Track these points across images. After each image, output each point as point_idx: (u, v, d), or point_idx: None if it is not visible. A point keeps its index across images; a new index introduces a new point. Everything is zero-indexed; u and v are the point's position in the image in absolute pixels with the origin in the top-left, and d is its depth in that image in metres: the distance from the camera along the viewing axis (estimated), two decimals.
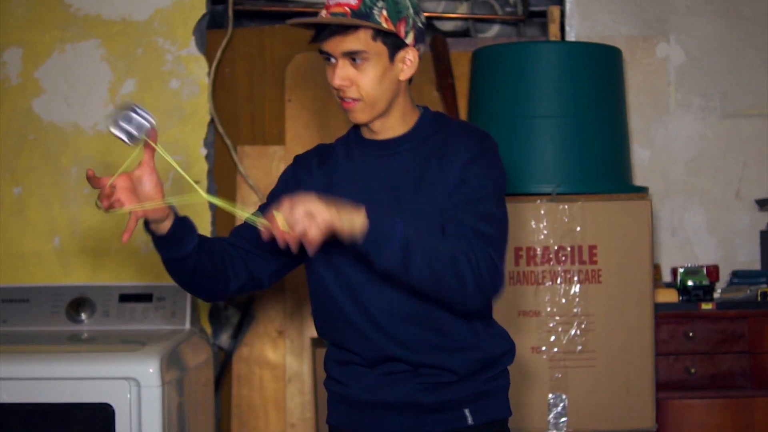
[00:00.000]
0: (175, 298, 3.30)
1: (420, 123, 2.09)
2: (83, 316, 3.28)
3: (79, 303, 3.30)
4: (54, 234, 3.62)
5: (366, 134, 2.11)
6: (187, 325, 3.26)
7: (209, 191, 3.67)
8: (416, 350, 2.01)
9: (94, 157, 3.63)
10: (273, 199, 2.13)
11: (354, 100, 2.01)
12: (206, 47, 3.72)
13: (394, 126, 2.08)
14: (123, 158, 3.77)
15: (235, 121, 3.90)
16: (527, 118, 3.19)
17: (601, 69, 3.27)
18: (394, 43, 2.01)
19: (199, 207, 3.65)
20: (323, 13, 1.99)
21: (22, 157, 3.63)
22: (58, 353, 2.92)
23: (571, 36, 3.85)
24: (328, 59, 2.00)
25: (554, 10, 3.86)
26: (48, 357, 2.84)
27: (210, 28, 3.80)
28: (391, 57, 2.01)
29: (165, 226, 2.00)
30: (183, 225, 2.00)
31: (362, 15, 1.96)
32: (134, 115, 1.94)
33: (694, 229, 3.84)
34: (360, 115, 2.04)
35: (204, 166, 3.66)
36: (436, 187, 2.01)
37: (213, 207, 3.69)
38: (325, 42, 1.99)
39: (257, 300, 3.80)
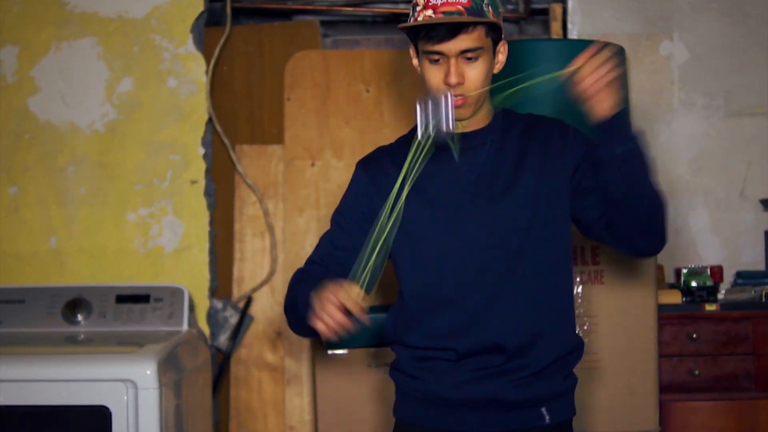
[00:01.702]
0: (173, 299, 3.30)
1: (497, 115, 2.16)
2: (80, 317, 3.28)
3: (75, 304, 3.29)
4: (50, 234, 3.61)
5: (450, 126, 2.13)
6: (185, 327, 3.26)
7: (207, 191, 3.66)
8: (510, 336, 2.06)
9: (91, 157, 3.63)
10: (350, 209, 2.17)
11: (463, 97, 2.05)
12: (204, 45, 3.71)
13: (480, 118, 2.13)
14: (119, 158, 3.78)
15: (233, 120, 3.90)
16: None
17: None
18: (496, 38, 2.08)
19: (198, 208, 3.64)
20: (429, 13, 2.01)
21: (18, 157, 3.63)
22: (54, 355, 2.92)
23: (573, 34, 3.84)
24: (436, 60, 2.04)
25: (556, 8, 3.86)
26: (44, 358, 2.84)
27: (208, 25, 3.79)
28: (494, 51, 2.09)
29: None
30: None
31: (476, 12, 2.01)
32: None
33: (697, 229, 3.84)
34: (466, 111, 2.08)
35: (202, 166, 3.65)
36: (536, 175, 2.09)
37: (211, 207, 3.68)
38: (441, 42, 2.02)
39: (256, 301, 3.79)
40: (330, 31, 4.17)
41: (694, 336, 3.32)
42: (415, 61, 2.13)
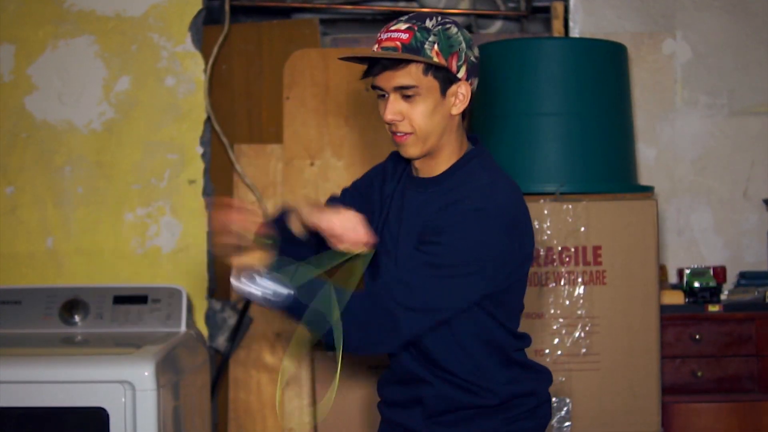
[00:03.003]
0: (171, 300, 3.30)
1: (457, 164, 2.10)
2: (77, 318, 3.28)
3: (72, 305, 3.29)
4: (47, 234, 3.62)
5: (412, 168, 2.17)
6: (183, 328, 3.26)
7: (206, 190, 3.66)
8: (428, 369, 2.08)
9: (89, 156, 3.64)
10: (353, 185, 2.29)
11: (406, 134, 2.05)
12: (202, 43, 3.72)
13: (439, 164, 2.10)
14: (117, 158, 3.78)
15: (231, 119, 3.90)
16: (530, 115, 3.19)
17: (605, 66, 3.27)
18: (445, 78, 2.03)
19: (196, 208, 3.65)
20: (375, 47, 2.03)
21: (14, 156, 3.63)
22: (51, 356, 2.92)
23: (575, 32, 3.85)
24: (382, 95, 2.05)
25: (558, 6, 3.86)
26: (41, 360, 2.84)
27: (206, 23, 3.80)
28: (443, 91, 2.04)
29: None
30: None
31: (413, 50, 1.99)
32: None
33: (700, 229, 3.84)
34: (412, 149, 2.07)
35: (200, 165, 3.66)
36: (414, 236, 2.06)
37: (209, 208, 3.69)
38: (377, 77, 2.03)
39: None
40: (329, 30, 4.17)
41: (697, 337, 3.32)
42: None
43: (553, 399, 3.04)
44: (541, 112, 3.17)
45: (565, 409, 3.05)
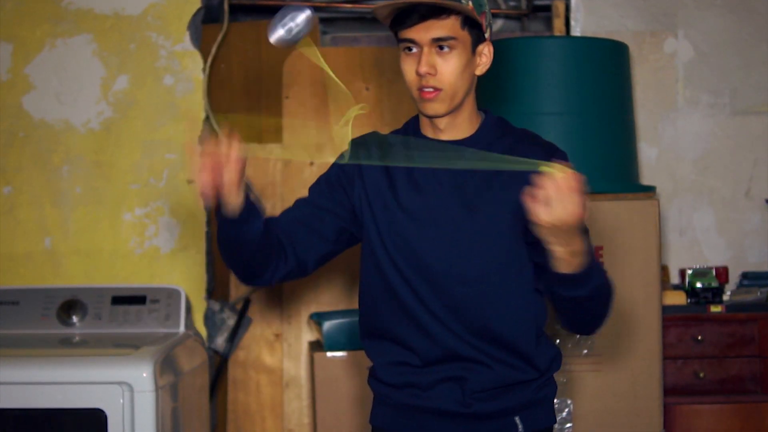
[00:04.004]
0: (169, 300, 3.30)
1: (484, 125, 2.12)
2: (75, 318, 3.28)
3: (70, 305, 3.30)
4: (45, 234, 3.62)
5: (429, 132, 2.11)
6: (182, 328, 3.26)
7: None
8: (477, 348, 2.04)
9: (86, 156, 3.64)
10: (324, 179, 2.18)
11: (436, 89, 2.01)
12: (201, 42, 3.72)
13: (461, 125, 2.09)
14: (115, 157, 3.78)
15: (230, 119, 3.90)
16: (531, 115, 3.19)
17: (607, 65, 3.27)
18: (476, 35, 2.03)
19: (194, 207, 3.65)
20: None
21: (11, 156, 3.63)
22: (48, 357, 2.92)
23: (576, 31, 3.85)
24: (409, 48, 2.01)
25: (559, 5, 3.86)
26: (38, 361, 2.84)
27: (205, 22, 3.80)
28: (473, 48, 2.04)
29: (237, 206, 2.02)
30: (253, 206, 2.03)
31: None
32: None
33: (702, 229, 3.84)
34: (439, 106, 2.04)
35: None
36: (505, 197, 2.03)
37: (208, 207, 3.69)
38: (412, 27, 1.99)
39: (254, 302, 3.80)
40: (329, 28, 4.17)
41: (699, 338, 3.33)
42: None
43: (555, 400, 3.05)
44: (542, 111, 3.18)
45: (566, 410, 3.05)
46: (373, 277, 2.11)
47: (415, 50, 2.00)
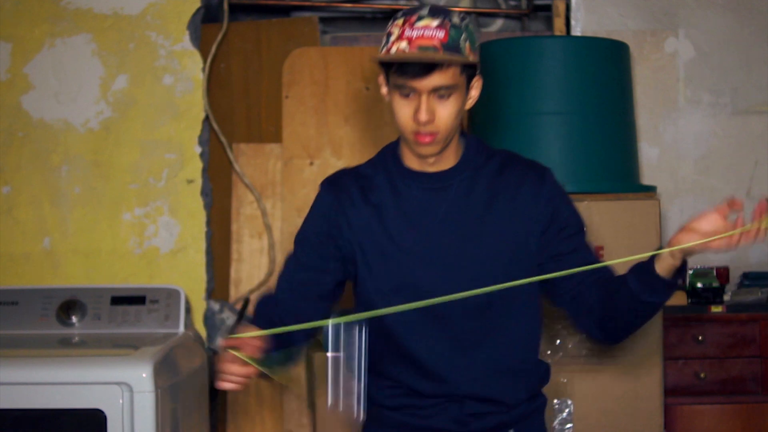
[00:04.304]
0: (169, 300, 3.30)
1: (468, 151, 2.12)
2: (74, 319, 3.28)
3: (69, 305, 3.29)
4: (44, 234, 3.62)
5: (413, 165, 2.10)
6: (182, 329, 3.26)
7: (204, 190, 3.67)
8: (473, 383, 2.06)
9: (86, 156, 3.64)
10: (314, 234, 2.13)
11: (431, 134, 2.01)
12: (201, 42, 3.72)
13: (448, 157, 2.09)
14: (114, 157, 3.78)
15: (230, 118, 3.90)
16: (531, 115, 3.19)
17: (607, 64, 3.27)
18: (470, 74, 2.04)
19: (194, 207, 3.65)
20: (404, 46, 1.96)
21: (10, 155, 3.63)
22: (48, 357, 2.92)
23: (576, 30, 3.85)
24: (406, 94, 1.99)
25: (559, 4, 3.86)
26: (37, 361, 2.84)
27: (204, 22, 3.80)
28: (467, 88, 2.04)
29: None
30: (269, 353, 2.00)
31: (453, 48, 1.96)
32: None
33: None
34: (434, 149, 2.04)
35: (198, 165, 3.66)
36: (507, 221, 2.06)
37: (208, 207, 3.69)
38: (414, 78, 1.97)
39: (253, 303, 3.79)
40: (329, 28, 4.17)
41: (700, 338, 3.32)
42: (383, 90, 2.07)
43: (555, 401, 3.04)
44: (542, 111, 3.18)
45: (567, 410, 3.05)
46: (368, 320, 2.07)
47: (411, 96, 1.99)
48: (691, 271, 3.41)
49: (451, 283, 2.02)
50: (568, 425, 3.05)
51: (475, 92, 2.07)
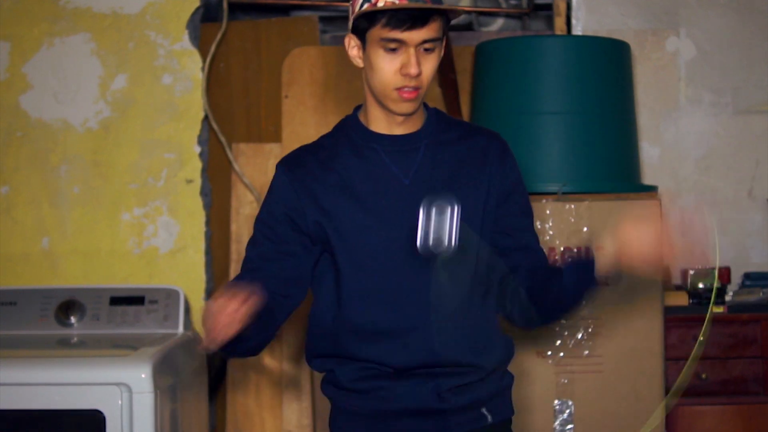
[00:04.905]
0: (168, 301, 3.30)
1: (429, 117, 2.12)
2: (73, 319, 3.28)
3: (68, 306, 3.29)
4: (42, 234, 3.62)
5: (380, 129, 2.09)
6: (181, 329, 3.26)
7: (203, 190, 3.66)
8: (447, 349, 2.04)
9: (85, 156, 3.64)
10: (274, 216, 2.10)
11: (416, 89, 2.01)
12: (200, 41, 3.72)
13: (415, 119, 2.09)
14: (113, 157, 3.78)
15: (229, 118, 3.90)
16: (532, 114, 3.19)
17: (608, 64, 3.27)
18: (445, 31, 2.04)
19: (193, 207, 3.65)
20: None
21: (9, 155, 3.63)
22: (46, 358, 2.92)
23: (577, 30, 3.85)
24: (393, 49, 1.99)
25: (560, 3, 3.86)
26: (36, 362, 2.84)
27: (204, 21, 3.80)
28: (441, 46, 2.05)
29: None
30: (252, 321, 1.97)
31: (439, 1, 1.98)
32: None
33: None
34: (414, 105, 2.04)
35: (198, 164, 3.66)
36: (474, 188, 2.06)
37: (207, 207, 3.69)
38: (407, 30, 1.97)
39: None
40: (328, 27, 4.17)
41: (701, 339, 3.32)
42: (354, 51, 2.07)
43: (556, 401, 3.04)
44: (543, 110, 3.17)
45: (567, 411, 3.05)
46: (338, 292, 2.07)
47: (398, 50, 1.99)
48: (692, 272, 3.41)
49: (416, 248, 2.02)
50: (569, 426, 3.05)
51: (442, 51, 2.07)
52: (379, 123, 2.09)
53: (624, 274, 2.00)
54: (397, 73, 1.99)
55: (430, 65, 2.01)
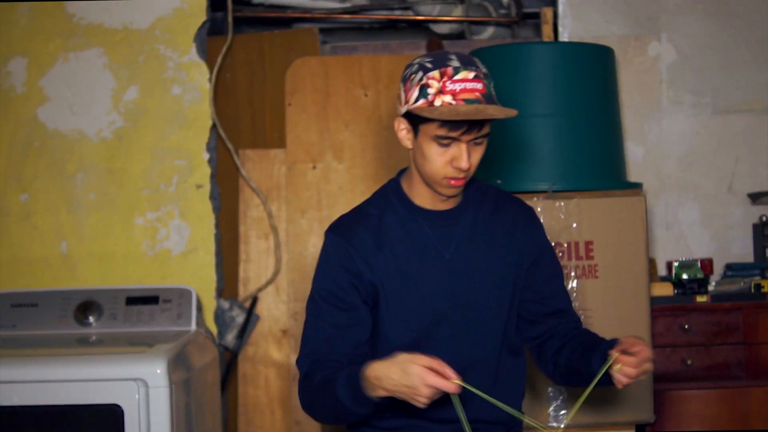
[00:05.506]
0: (181, 300, 3.30)
1: (467, 191, 2.16)
2: (91, 319, 3.29)
3: (86, 306, 3.30)
4: (61, 239, 3.62)
5: (424, 204, 2.12)
6: (193, 326, 3.26)
7: (212, 195, 3.67)
8: (483, 408, 2.09)
9: (99, 164, 3.64)
10: (339, 284, 2.08)
11: (464, 178, 2.05)
12: (207, 54, 3.72)
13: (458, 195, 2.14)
14: (126, 164, 3.78)
15: (236, 126, 3.91)
16: (523, 117, 3.18)
17: (594, 68, 3.28)
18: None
19: (203, 211, 3.65)
20: (448, 99, 1.95)
21: (28, 165, 3.64)
22: (67, 356, 2.92)
23: (564, 36, 3.85)
24: (447, 144, 1.99)
25: (547, 12, 3.87)
26: (57, 360, 2.84)
27: (210, 35, 3.80)
28: None
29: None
30: None
31: (490, 98, 1.99)
32: None
33: (688, 223, 3.84)
34: (460, 190, 2.08)
35: (207, 171, 3.66)
36: (506, 255, 2.12)
37: (216, 210, 3.69)
38: (465, 134, 1.97)
39: (261, 300, 3.80)
40: (329, 38, 4.18)
41: (686, 327, 3.33)
42: (403, 134, 2.06)
43: (549, 389, 3.05)
44: (533, 113, 3.18)
45: (560, 398, 3.06)
46: (379, 355, 2.07)
47: (452, 145, 2.00)
48: (677, 263, 3.42)
49: (463, 313, 2.09)
50: (563, 411, 3.06)
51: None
52: (424, 199, 2.12)
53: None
54: (448, 165, 2.01)
55: (478, 155, 2.03)
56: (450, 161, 2.00)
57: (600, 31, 3.85)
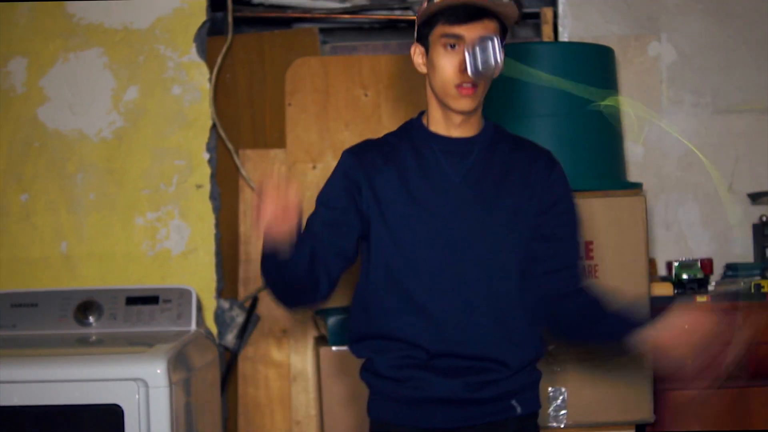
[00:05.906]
0: (181, 300, 3.30)
1: (487, 126, 2.15)
2: (91, 319, 3.28)
3: (86, 306, 3.30)
4: (61, 239, 3.62)
5: (441, 129, 2.12)
6: (193, 326, 3.26)
7: (212, 194, 3.67)
8: (482, 342, 2.06)
9: (99, 164, 3.64)
10: (337, 190, 2.12)
11: (474, 86, 2.04)
12: (207, 54, 3.72)
13: (473, 123, 2.12)
14: (126, 164, 3.78)
15: (236, 126, 3.91)
16: (524, 117, 3.19)
17: (594, 68, 3.27)
18: (503, 33, 2.07)
19: (203, 211, 3.65)
20: None
21: (28, 165, 3.63)
22: (67, 356, 2.92)
23: (564, 36, 3.85)
24: (452, 45, 2.01)
25: (547, 12, 3.86)
26: (57, 360, 2.84)
27: (210, 35, 3.80)
28: None
29: (289, 239, 1.96)
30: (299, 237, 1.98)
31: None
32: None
33: (688, 223, 3.84)
34: (473, 102, 2.06)
35: (207, 170, 3.66)
36: (519, 193, 2.09)
37: (216, 210, 3.69)
38: (464, 23, 2.00)
39: (261, 301, 3.80)
40: (329, 38, 4.17)
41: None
42: (419, 59, 2.10)
43: (550, 389, 3.05)
44: (533, 113, 3.18)
45: (561, 398, 3.05)
46: (381, 276, 2.10)
47: (457, 48, 2.01)
48: (676, 263, 3.41)
49: (464, 243, 2.06)
50: (563, 411, 3.05)
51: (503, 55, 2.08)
52: (439, 124, 2.12)
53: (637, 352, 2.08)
54: (457, 71, 2.01)
55: None
56: (459, 66, 2.00)
57: (600, 31, 3.85)
